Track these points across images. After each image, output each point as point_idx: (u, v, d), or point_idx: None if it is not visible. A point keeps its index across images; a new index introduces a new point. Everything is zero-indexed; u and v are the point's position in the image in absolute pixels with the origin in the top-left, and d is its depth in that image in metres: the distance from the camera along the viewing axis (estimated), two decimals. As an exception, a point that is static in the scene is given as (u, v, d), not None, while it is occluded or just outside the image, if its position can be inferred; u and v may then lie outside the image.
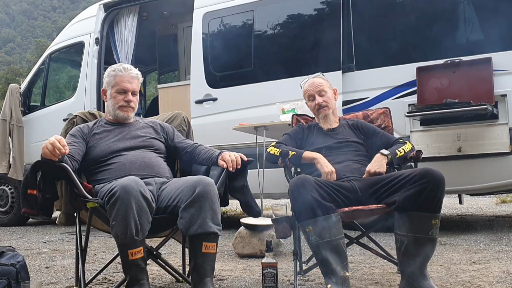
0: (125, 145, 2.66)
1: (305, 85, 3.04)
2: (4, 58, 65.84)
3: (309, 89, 2.98)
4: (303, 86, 3.05)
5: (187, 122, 3.09)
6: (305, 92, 3.02)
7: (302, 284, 2.70)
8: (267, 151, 2.85)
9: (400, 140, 2.87)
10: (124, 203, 2.20)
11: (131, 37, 6.25)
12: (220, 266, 3.33)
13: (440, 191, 2.32)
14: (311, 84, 2.99)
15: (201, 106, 5.43)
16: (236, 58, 5.41)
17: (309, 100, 3.01)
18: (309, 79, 3.03)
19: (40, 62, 7.00)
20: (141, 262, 2.25)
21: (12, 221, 6.64)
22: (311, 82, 3.00)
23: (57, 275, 3.20)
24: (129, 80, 2.73)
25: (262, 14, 5.28)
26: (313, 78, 3.03)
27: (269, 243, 2.55)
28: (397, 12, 4.79)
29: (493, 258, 3.30)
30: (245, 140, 4.93)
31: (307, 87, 3.00)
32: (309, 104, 3.02)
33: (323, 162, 2.68)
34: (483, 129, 4.18)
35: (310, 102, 3.00)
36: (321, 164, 2.67)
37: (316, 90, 2.95)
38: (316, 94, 2.95)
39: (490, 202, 8.01)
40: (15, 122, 6.57)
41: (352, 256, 3.51)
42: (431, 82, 4.35)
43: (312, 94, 2.96)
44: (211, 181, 2.40)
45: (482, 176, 4.28)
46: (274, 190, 4.89)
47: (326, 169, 2.63)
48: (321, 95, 2.95)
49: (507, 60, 4.19)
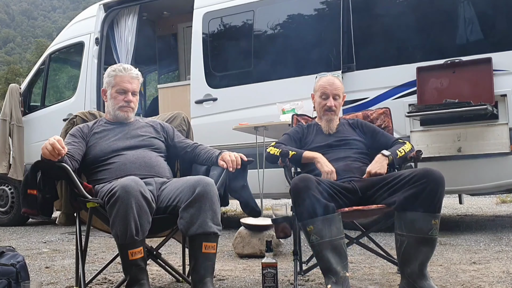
0: (125, 144, 2.66)
1: (322, 79, 2.93)
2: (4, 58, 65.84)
3: (326, 87, 2.89)
4: (318, 80, 2.95)
5: (187, 122, 3.09)
6: (320, 87, 2.91)
7: (302, 284, 2.70)
8: (267, 151, 2.83)
9: (400, 140, 2.87)
10: (124, 203, 2.20)
11: (131, 37, 6.25)
12: (220, 266, 3.33)
13: (440, 191, 2.31)
14: (330, 83, 2.90)
15: (201, 106, 5.43)
16: (236, 58, 5.41)
17: (320, 97, 2.91)
18: (328, 76, 2.94)
19: (40, 62, 6.99)
20: (141, 262, 2.25)
21: (12, 221, 6.64)
22: (331, 81, 2.91)
23: (57, 275, 3.20)
24: (129, 80, 2.73)
25: (262, 14, 5.28)
26: (333, 77, 2.94)
27: (269, 243, 2.55)
28: (397, 12, 4.79)
29: (493, 258, 3.30)
30: (245, 140, 4.93)
31: (325, 83, 2.90)
32: (318, 100, 2.92)
33: (323, 161, 2.67)
34: (483, 129, 4.18)
35: (321, 99, 2.91)
36: (321, 164, 2.66)
37: (332, 92, 2.88)
38: (331, 96, 2.88)
39: (490, 202, 8.01)
40: (15, 122, 6.57)
41: (352, 256, 3.51)
42: (431, 82, 4.35)
43: (328, 93, 2.88)
44: (211, 181, 2.40)
45: (482, 176, 4.27)
46: (274, 190, 4.89)
47: (326, 169, 2.63)
48: (335, 98, 2.89)
49: (507, 60, 4.19)
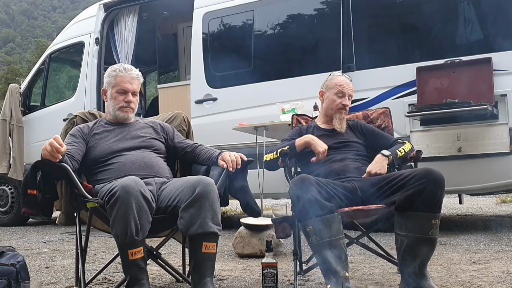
0: (125, 145, 2.66)
1: (338, 78, 2.98)
2: (4, 58, 65.80)
3: (343, 86, 2.93)
4: (332, 77, 2.99)
5: (187, 122, 3.09)
6: (337, 85, 2.93)
7: (302, 284, 2.70)
8: (264, 161, 2.87)
9: (399, 140, 2.87)
10: (124, 203, 2.20)
11: (131, 37, 6.25)
12: (220, 266, 3.33)
13: (440, 191, 2.32)
14: (347, 83, 2.96)
15: (201, 106, 5.43)
16: (236, 58, 5.40)
17: (336, 94, 2.92)
18: (344, 76, 3.03)
19: (40, 62, 6.99)
20: (141, 262, 2.25)
21: (12, 221, 6.64)
22: (347, 81, 2.97)
23: (57, 275, 3.20)
24: (130, 81, 2.73)
25: (262, 14, 5.28)
26: (346, 77, 3.03)
27: (269, 243, 2.54)
28: (397, 12, 4.79)
29: (493, 258, 3.30)
30: (245, 140, 4.93)
31: (342, 82, 2.95)
32: (332, 98, 2.93)
33: (315, 142, 2.73)
34: (483, 129, 4.18)
35: (337, 96, 2.92)
36: (314, 145, 2.72)
37: (349, 93, 2.94)
38: (347, 95, 2.93)
39: (490, 202, 8.01)
40: (15, 122, 6.57)
41: (352, 256, 3.51)
42: (431, 82, 4.35)
43: (344, 92, 2.92)
44: (211, 181, 2.40)
45: (482, 176, 4.28)
46: (274, 190, 4.88)
47: (320, 149, 2.70)
48: (349, 98, 2.95)
49: (507, 60, 4.19)
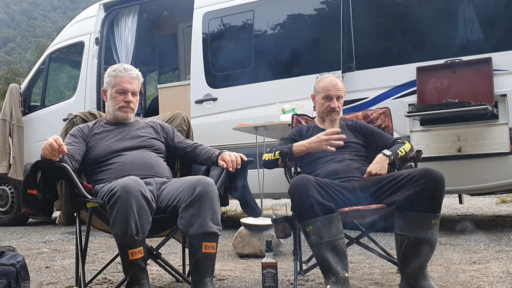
0: (125, 145, 2.66)
1: (324, 80, 2.92)
2: (4, 58, 65.81)
3: (330, 89, 2.88)
4: (320, 80, 2.95)
5: (187, 122, 3.09)
6: (323, 88, 2.89)
7: (302, 284, 2.70)
8: (263, 160, 2.84)
9: (399, 140, 2.87)
10: (124, 203, 2.20)
11: (131, 37, 6.25)
12: (220, 266, 3.33)
13: (440, 191, 2.32)
14: (333, 85, 2.89)
15: (201, 106, 5.43)
16: (236, 58, 5.40)
17: (323, 98, 2.90)
18: (331, 77, 2.94)
19: (40, 62, 6.99)
20: (141, 262, 2.25)
21: (12, 221, 6.64)
22: (333, 83, 2.90)
23: (57, 275, 3.20)
24: (129, 81, 2.73)
25: (262, 14, 5.28)
26: (334, 77, 2.94)
27: (269, 243, 2.54)
28: (397, 12, 4.79)
29: (493, 258, 3.30)
30: (245, 140, 4.93)
31: (328, 85, 2.89)
32: (321, 102, 2.91)
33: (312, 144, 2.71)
34: (483, 129, 4.18)
35: (324, 100, 2.89)
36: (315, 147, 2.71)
37: (336, 94, 2.88)
38: (335, 97, 2.88)
39: (490, 202, 8.00)
40: (15, 122, 6.57)
41: (352, 256, 3.51)
42: (431, 82, 4.35)
43: (331, 95, 2.87)
44: (211, 181, 2.40)
45: (482, 176, 4.27)
46: (274, 190, 4.88)
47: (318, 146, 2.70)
48: (338, 99, 2.89)
49: (507, 60, 4.19)
